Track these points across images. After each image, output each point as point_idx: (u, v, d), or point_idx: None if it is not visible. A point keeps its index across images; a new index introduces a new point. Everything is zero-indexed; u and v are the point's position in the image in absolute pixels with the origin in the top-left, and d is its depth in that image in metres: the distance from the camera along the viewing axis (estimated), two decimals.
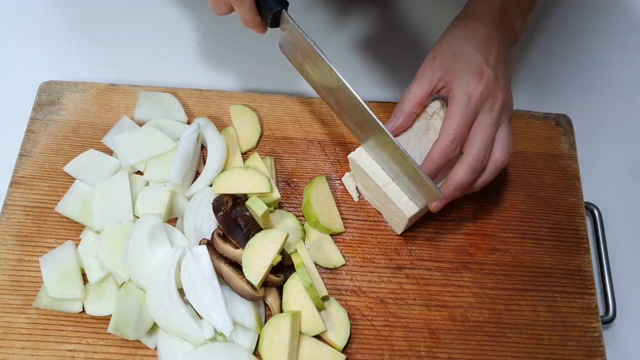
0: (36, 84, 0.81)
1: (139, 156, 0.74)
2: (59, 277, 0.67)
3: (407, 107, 0.68)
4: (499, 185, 0.78)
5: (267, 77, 0.87)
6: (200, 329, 0.64)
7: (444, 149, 0.64)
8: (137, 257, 0.66)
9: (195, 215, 0.72)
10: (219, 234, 0.69)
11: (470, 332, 0.70)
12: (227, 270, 0.66)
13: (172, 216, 0.74)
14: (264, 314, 0.69)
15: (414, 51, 0.90)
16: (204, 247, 0.67)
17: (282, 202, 0.76)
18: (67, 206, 0.72)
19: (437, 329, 0.70)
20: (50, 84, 0.81)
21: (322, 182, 0.76)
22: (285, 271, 0.69)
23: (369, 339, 0.69)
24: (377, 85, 0.88)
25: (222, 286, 0.66)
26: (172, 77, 0.85)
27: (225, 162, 0.76)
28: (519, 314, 0.71)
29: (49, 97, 0.80)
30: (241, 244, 0.67)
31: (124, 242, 0.67)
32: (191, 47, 0.90)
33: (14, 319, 0.67)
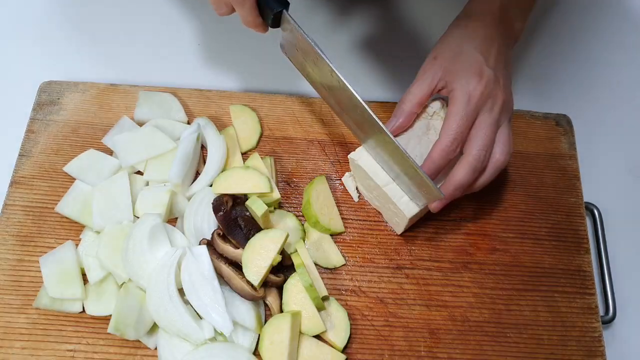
0: (36, 84, 0.81)
1: (139, 156, 0.74)
2: (59, 277, 0.67)
3: (407, 107, 0.68)
4: (499, 185, 0.78)
5: (267, 77, 0.87)
6: (200, 329, 0.64)
7: (444, 149, 0.64)
8: (137, 257, 0.66)
9: (195, 215, 0.72)
10: (219, 234, 0.69)
11: (470, 332, 0.70)
12: (227, 270, 0.66)
13: (172, 216, 0.74)
14: (264, 314, 0.69)
15: (414, 51, 0.90)
16: (204, 247, 0.67)
17: (282, 202, 0.76)
18: (67, 206, 0.72)
19: (437, 329, 0.70)
20: (50, 84, 0.81)
21: (322, 182, 0.76)
22: (285, 271, 0.69)
23: (369, 339, 0.69)
24: (377, 85, 0.88)
25: (222, 286, 0.66)
26: (172, 77, 0.85)
27: (225, 162, 0.76)
28: (519, 314, 0.71)
29: (49, 97, 0.80)
30: (241, 244, 0.67)
31: (124, 242, 0.67)
32: (191, 47, 0.90)
33: (14, 319, 0.67)
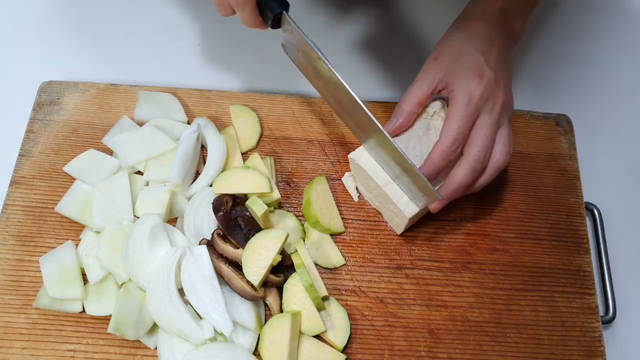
0: (36, 84, 0.81)
1: (139, 156, 0.74)
2: (59, 277, 0.67)
3: (407, 107, 0.68)
4: (499, 185, 0.78)
5: (267, 77, 0.87)
6: (200, 329, 0.64)
7: (444, 150, 0.64)
8: (137, 257, 0.66)
9: (195, 215, 0.72)
10: (219, 234, 0.69)
11: (470, 332, 0.70)
12: (227, 270, 0.66)
13: (172, 216, 0.74)
14: (264, 314, 0.69)
15: (414, 51, 0.90)
16: (204, 247, 0.67)
17: (282, 202, 0.76)
18: (67, 206, 0.72)
19: (437, 329, 0.70)
20: (50, 84, 0.81)
21: (322, 182, 0.76)
22: (285, 271, 0.69)
23: (369, 339, 0.69)
24: (377, 85, 0.88)
25: (222, 286, 0.66)
26: (172, 77, 0.85)
27: (225, 162, 0.76)
28: (519, 314, 0.71)
29: (49, 97, 0.80)
30: (241, 244, 0.67)
31: (124, 242, 0.67)
32: (191, 47, 0.90)
33: (14, 319, 0.67)
